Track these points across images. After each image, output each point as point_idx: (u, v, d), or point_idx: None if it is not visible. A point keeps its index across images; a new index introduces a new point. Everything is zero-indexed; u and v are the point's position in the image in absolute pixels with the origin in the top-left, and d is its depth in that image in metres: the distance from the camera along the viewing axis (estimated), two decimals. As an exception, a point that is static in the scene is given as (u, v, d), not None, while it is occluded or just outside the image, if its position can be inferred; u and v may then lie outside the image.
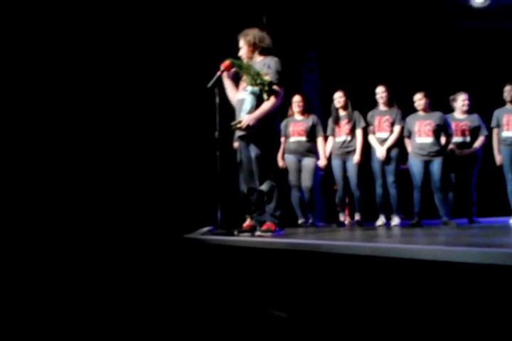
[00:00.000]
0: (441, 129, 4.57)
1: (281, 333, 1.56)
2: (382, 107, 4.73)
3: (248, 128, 3.25)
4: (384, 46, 6.56)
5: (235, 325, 1.66)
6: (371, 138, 4.72)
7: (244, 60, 3.44)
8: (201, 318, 1.75)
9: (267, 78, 3.25)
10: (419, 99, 4.57)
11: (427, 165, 4.51)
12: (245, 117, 3.24)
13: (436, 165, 4.48)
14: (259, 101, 3.28)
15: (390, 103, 4.72)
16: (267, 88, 3.24)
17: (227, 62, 3.40)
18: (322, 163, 4.82)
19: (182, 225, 4.23)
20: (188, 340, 1.51)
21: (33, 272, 2.69)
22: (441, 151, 4.54)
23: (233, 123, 3.33)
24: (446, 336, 1.34)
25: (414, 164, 4.55)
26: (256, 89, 3.26)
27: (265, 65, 3.31)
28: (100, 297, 2.12)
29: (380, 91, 4.71)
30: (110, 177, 4.83)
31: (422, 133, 4.52)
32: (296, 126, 4.85)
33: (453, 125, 4.72)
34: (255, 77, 3.24)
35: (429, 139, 4.49)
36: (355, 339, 1.50)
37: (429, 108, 4.58)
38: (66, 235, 3.90)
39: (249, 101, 3.28)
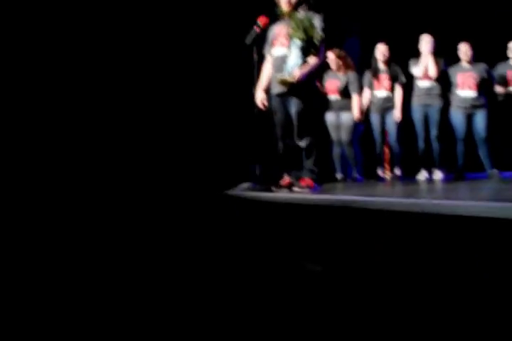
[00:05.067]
0: (485, 82, 4.37)
1: (317, 286, 1.59)
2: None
3: (298, 83, 3.18)
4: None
5: (271, 278, 1.71)
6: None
7: (284, 8, 3.31)
8: (237, 271, 1.81)
9: (318, 33, 3.17)
10: (467, 50, 4.35)
11: (469, 117, 4.36)
12: (296, 71, 3.17)
13: (481, 117, 4.33)
14: (304, 56, 3.21)
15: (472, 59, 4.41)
16: (317, 43, 3.18)
17: (264, 18, 3.33)
18: (357, 117, 4.68)
19: (222, 182, 4.29)
20: (225, 292, 1.58)
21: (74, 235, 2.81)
22: (486, 104, 4.36)
23: (283, 77, 3.24)
24: (495, 291, 1.33)
25: (456, 117, 4.39)
26: (305, 43, 3.17)
27: (311, 20, 3.20)
28: (141, 254, 2.22)
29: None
30: (153, 134, 4.90)
31: (464, 86, 4.34)
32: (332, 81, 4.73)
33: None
34: (309, 32, 3.15)
35: (472, 92, 4.31)
36: (390, 291, 1.51)
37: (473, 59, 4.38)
38: (108, 191, 4.03)
39: (298, 55, 3.20)
